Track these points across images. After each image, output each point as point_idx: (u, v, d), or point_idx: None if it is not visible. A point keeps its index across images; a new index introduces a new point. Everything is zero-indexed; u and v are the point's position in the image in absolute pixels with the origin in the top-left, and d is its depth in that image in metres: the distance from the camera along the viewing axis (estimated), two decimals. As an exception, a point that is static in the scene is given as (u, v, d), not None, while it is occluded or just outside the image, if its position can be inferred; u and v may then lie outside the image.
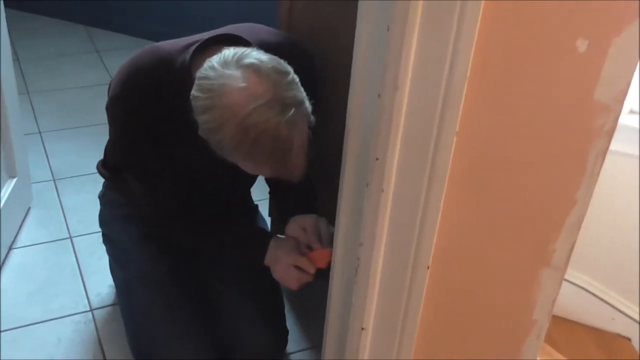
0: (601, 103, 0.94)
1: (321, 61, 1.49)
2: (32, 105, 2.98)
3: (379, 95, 0.88)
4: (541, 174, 0.98)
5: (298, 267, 1.39)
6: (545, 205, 1.01)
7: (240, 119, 1.11)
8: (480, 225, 1.02)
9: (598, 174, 0.99)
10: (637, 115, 1.71)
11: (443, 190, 0.95)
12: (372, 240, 1.00)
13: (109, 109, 1.38)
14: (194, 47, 1.33)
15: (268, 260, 1.44)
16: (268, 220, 1.90)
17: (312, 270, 1.39)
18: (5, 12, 2.07)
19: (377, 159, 0.93)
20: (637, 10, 0.86)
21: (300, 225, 1.44)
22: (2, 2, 2.04)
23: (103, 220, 1.74)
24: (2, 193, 2.12)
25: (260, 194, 1.80)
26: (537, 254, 1.05)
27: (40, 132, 2.84)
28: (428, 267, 1.02)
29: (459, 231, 1.02)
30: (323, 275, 1.33)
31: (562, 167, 0.98)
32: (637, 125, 1.68)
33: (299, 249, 1.42)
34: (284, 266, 1.41)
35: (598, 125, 0.96)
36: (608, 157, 1.00)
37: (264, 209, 1.88)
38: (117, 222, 1.67)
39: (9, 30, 2.11)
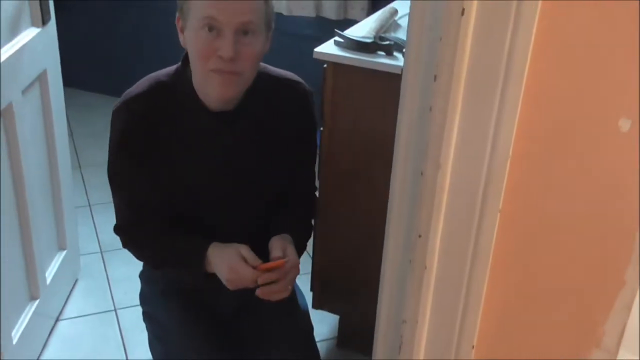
0: (647, 181, 0.93)
1: (363, 137, 1.54)
2: (83, 179, 3.08)
3: (422, 173, 0.89)
4: (587, 253, 0.97)
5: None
6: (592, 285, 0.99)
7: None
8: (526, 305, 1.00)
9: (646, 253, 0.97)
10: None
11: (487, 268, 0.95)
12: (415, 318, 0.99)
13: (112, 122, 1.46)
14: (185, 53, 1.44)
15: (214, 259, 1.44)
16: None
17: (256, 262, 1.39)
18: (64, 89, 2.18)
19: (420, 236, 0.94)
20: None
21: (281, 246, 1.45)
22: (61, 80, 2.14)
23: (143, 298, 1.75)
24: (52, 265, 2.17)
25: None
26: (586, 336, 1.03)
27: (90, 205, 2.93)
28: (473, 347, 1.00)
29: (504, 310, 1.00)
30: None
31: (608, 246, 0.97)
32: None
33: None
34: (233, 261, 1.41)
35: (645, 203, 0.95)
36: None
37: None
38: (156, 298, 1.68)
39: (65, 107, 2.21)
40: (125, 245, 1.61)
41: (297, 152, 1.57)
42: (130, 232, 1.56)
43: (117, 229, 1.58)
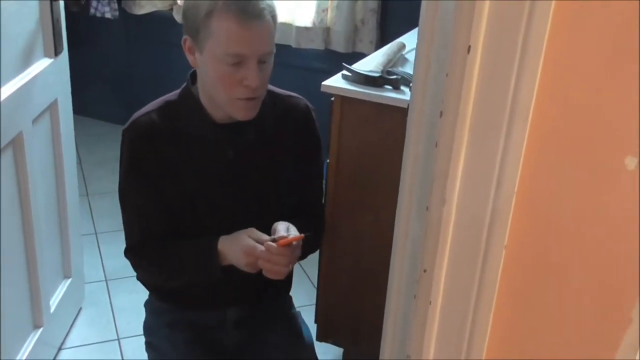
0: (653, 220, 0.93)
1: (369, 170, 1.54)
2: (90, 207, 3.09)
3: (427, 208, 0.89)
4: (593, 291, 0.96)
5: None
6: (598, 323, 0.98)
7: None
8: (531, 342, 1.00)
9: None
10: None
11: (492, 305, 0.94)
12: (419, 354, 0.98)
13: (122, 142, 1.50)
14: (191, 71, 1.50)
15: (226, 249, 1.45)
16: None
17: (265, 237, 1.42)
18: (74, 117, 2.20)
19: (425, 270, 0.93)
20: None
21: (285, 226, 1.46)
22: (71, 109, 2.16)
23: (147, 328, 1.74)
24: (56, 293, 2.17)
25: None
26: (592, 374, 1.02)
27: (96, 233, 2.93)
28: (477, 384, 0.99)
29: (509, 347, 0.99)
30: None
31: (614, 284, 0.96)
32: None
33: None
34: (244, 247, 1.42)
35: (651, 243, 0.94)
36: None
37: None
38: (161, 329, 1.67)
39: (74, 135, 2.23)
40: (137, 268, 1.60)
41: (303, 166, 1.59)
42: (142, 250, 1.55)
43: (128, 251, 1.58)
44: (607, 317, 0.99)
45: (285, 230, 1.43)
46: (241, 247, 1.42)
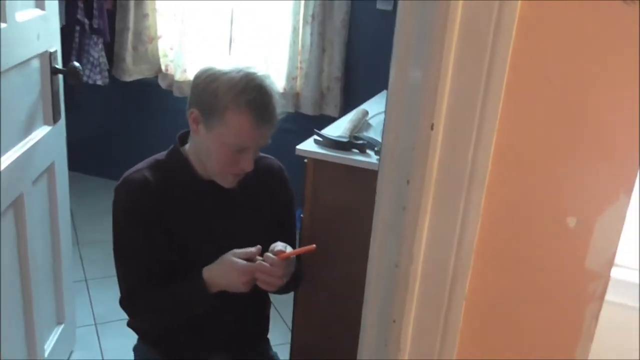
0: (592, 271, 0.95)
1: (340, 224, 1.55)
2: (80, 255, 3.03)
3: (397, 265, 0.90)
4: (542, 333, 0.98)
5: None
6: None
7: (235, 69, 1.36)
8: (490, 383, 1.00)
9: (593, 334, 0.98)
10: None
11: (455, 349, 0.94)
12: (390, 396, 0.98)
13: (114, 200, 1.47)
14: (181, 132, 1.50)
15: (214, 276, 1.42)
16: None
17: (250, 250, 1.40)
18: (69, 174, 2.17)
19: (394, 321, 0.93)
20: (617, 193, 0.90)
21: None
22: (66, 169, 2.14)
23: None
24: (50, 338, 2.10)
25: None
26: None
27: (86, 280, 2.87)
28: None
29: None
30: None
31: (560, 329, 0.98)
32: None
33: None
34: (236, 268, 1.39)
35: (591, 290, 0.96)
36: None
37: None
38: None
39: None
40: (134, 315, 1.55)
41: (280, 216, 1.60)
42: (138, 299, 1.50)
43: (125, 300, 1.52)
44: (555, 355, 1.00)
45: (284, 247, 1.42)
46: (235, 268, 1.39)
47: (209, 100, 1.36)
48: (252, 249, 1.40)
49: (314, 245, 1.41)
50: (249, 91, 1.33)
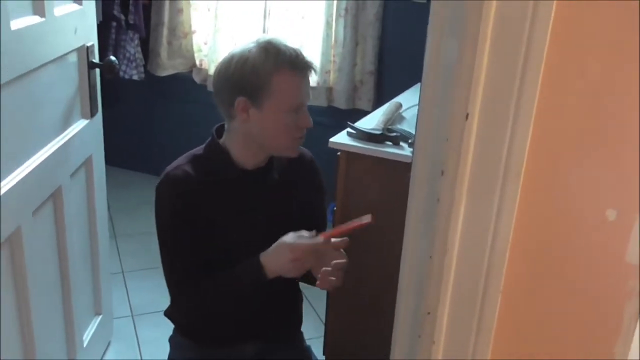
0: (632, 266, 0.93)
1: (372, 225, 1.53)
2: (117, 247, 3.08)
3: (430, 257, 0.89)
4: (580, 332, 0.96)
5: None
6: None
7: (251, 45, 1.41)
8: (526, 378, 0.98)
9: (634, 332, 0.96)
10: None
11: (490, 344, 0.93)
12: (424, 389, 0.97)
13: (156, 197, 1.48)
14: (216, 126, 1.53)
15: (270, 264, 1.41)
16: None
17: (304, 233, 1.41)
18: (106, 168, 2.21)
19: (428, 313, 0.93)
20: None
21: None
22: (103, 163, 2.17)
23: None
24: (88, 329, 2.14)
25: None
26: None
27: (123, 272, 2.91)
28: (477, 417, 0.97)
29: (506, 382, 0.98)
30: None
31: (598, 325, 0.96)
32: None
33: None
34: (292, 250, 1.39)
35: (630, 286, 0.94)
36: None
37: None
38: None
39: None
40: (188, 303, 1.52)
41: (312, 204, 1.62)
42: (190, 287, 1.49)
43: (177, 285, 1.51)
44: (592, 354, 0.98)
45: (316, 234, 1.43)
46: (284, 246, 1.40)
47: (251, 80, 1.38)
48: (305, 233, 1.42)
49: (370, 215, 1.40)
50: (278, 52, 1.39)
